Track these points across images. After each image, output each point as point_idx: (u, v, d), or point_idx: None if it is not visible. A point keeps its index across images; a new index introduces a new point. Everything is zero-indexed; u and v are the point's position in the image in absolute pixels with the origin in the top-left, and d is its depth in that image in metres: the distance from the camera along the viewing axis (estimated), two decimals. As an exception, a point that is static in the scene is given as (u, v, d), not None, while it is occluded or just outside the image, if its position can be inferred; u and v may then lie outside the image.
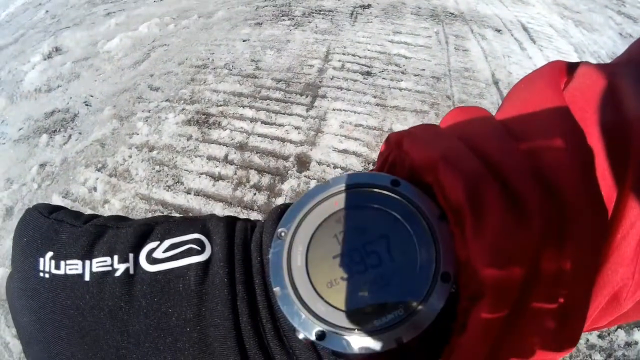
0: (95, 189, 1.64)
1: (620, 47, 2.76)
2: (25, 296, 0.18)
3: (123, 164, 1.74)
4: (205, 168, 1.71)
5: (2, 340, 1.26)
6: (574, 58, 2.58)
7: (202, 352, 0.17)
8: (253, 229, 0.21)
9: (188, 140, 1.84)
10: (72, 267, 0.18)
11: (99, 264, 0.18)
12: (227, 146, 1.80)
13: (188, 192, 1.61)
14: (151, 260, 0.18)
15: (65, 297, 0.18)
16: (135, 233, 0.19)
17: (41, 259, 0.18)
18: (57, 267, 0.18)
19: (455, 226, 0.17)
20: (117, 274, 0.18)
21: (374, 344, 0.16)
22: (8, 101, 2.24)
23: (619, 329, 1.25)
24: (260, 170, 1.69)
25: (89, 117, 2.05)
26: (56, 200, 1.61)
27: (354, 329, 0.17)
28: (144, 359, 0.17)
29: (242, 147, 1.79)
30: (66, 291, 0.18)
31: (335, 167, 1.70)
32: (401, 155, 0.20)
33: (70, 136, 1.94)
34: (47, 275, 0.18)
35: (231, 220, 0.21)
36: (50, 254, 0.18)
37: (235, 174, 1.68)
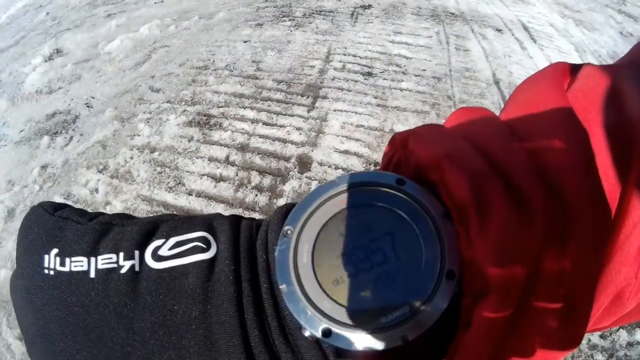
0: (96, 190, 1.64)
1: (621, 46, 2.76)
2: (29, 293, 0.18)
3: (124, 166, 1.74)
4: (207, 169, 1.71)
5: (4, 342, 1.26)
6: (574, 57, 2.58)
7: (208, 350, 0.17)
8: (258, 228, 0.21)
9: (189, 141, 1.84)
10: (78, 264, 0.18)
11: (104, 261, 0.18)
12: (228, 147, 1.80)
13: (189, 194, 1.61)
14: (157, 257, 0.18)
15: (70, 294, 0.18)
16: (140, 231, 0.19)
17: (46, 256, 0.18)
18: (62, 264, 0.18)
19: (460, 225, 0.17)
20: (123, 271, 0.18)
21: (380, 342, 0.16)
22: (9, 103, 2.24)
23: (620, 329, 1.25)
24: (262, 172, 1.69)
25: (90, 118, 2.05)
26: (58, 201, 1.61)
27: (360, 327, 0.17)
28: (148, 356, 0.17)
29: (243, 148, 1.79)
30: (71, 288, 0.18)
31: (336, 167, 1.70)
32: (406, 154, 0.21)
33: (71, 138, 1.94)
34: (51, 272, 0.18)
35: (236, 219, 0.21)
36: (55, 250, 0.18)
37: (237, 175, 1.68)
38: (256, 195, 1.60)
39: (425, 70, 2.32)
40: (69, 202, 1.60)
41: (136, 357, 0.17)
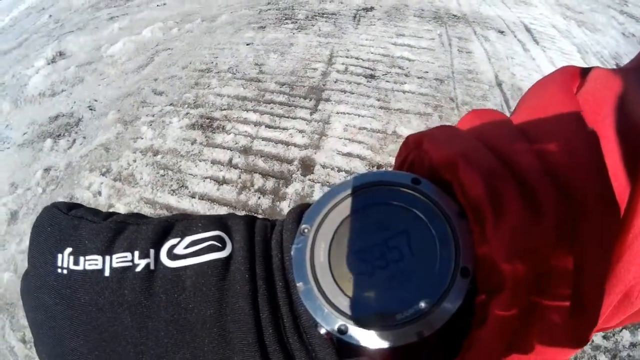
0: (99, 193, 1.65)
1: (623, 47, 2.76)
2: (41, 292, 0.18)
3: (127, 168, 1.75)
4: (210, 172, 1.71)
5: (7, 345, 1.26)
6: (577, 58, 2.57)
7: (222, 348, 0.17)
8: (273, 227, 0.21)
9: (192, 144, 1.84)
10: (92, 262, 0.18)
11: (119, 259, 0.18)
12: (231, 150, 1.80)
13: (192, 196, 1.61)
14: (172, 256, 0.18)
15: (83, 292, 0.17)
16: (155, 229, 0.19)
17: (59, 255, 0.18)
18: (76, 262, 0.18)
19: (474, 223, 0.18)
20: (138, 269, 0.18)
21: (395, 338, 0.17)
22: (12, 105, 2.25)
23: (623, 330, 1.25)
24: (265, 174, 1.69)
25: (93, 121, 2.06)
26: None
27: (376, 323, 0.17)
28: (162, 355, 0.17)
29: (246, 151, 1.79)
30: (85, 287, 0.17)
31: (339, 170, 1.70)
32: (420, 154, 0.21)
33: (74, 140, 1.95)
34: (65, 271, 0.18)
35: (251, 219, 0.21)
36: (69, 249, 0.18)
37: (240, 177, 1.68)
38: (259, 198, 1.60)
39: (427, 72, 2.32)
40: (72, 205, 1.61)
41: (150, 356, 0.17)
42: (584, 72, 0.22)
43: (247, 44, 2.62)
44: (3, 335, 1.28)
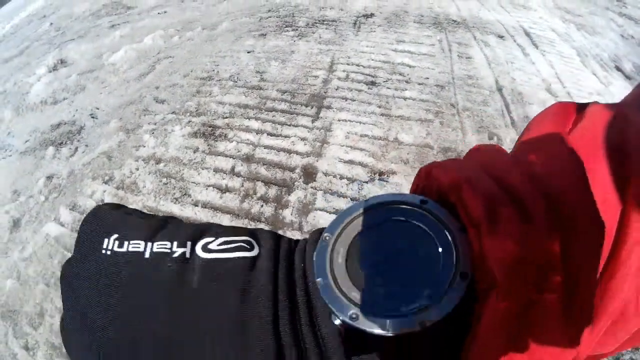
0: (102, 201, 1.65)
1: (622, 49, 2.77)
2: (83, 269, 0.20)
3: (130, 177, 1.75)
4: (212, 180, 1.71)
5: (10, 352, 1.26)
6: (576, 62, 2.58)
7: (240, 334, 0.19)
8: (297, 242, 0.24)
9: (194, 152, 1.84)
10: (135, 245, 0.21)
11: (159, 246, 0.21)
12: (233, 158, 1.80)
13: (195, 205, 1.62)
14: (206, 250, 0.21)
15: (123, 265, 0.20)
16: (194, 228, 0.22)
17: (106, 240, 0.21)
18: (121, 245, 0.21)
19: (474, 237, 0.20)
20: (175, 255, 0.21)
21: (399, 326, 0.19)
22: (14, 113, 2.25)
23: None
24: (267, 182, 1.69)
25: (95, 129, 2.07)
26: (63, 212, 1.61)
27: (383, 313, 0.19)
28: (187, 328, 0.19)
29: (248, 159, 1.80)
30: (126, 264, 0.20)
31: (341, 177, 1.70)
32: (430, 182, 0.24)
33: (76, 148, 1.95)
34: (109, 252, 0.21)
35: (277, 234, 0.24)
36: (115, 235, 0.21)
37: (242, 185, 1.68)
38: (262, 205, 1.60)
39: (428, 78, 2.33)
40: (75, 213, 1.61)
41: (174, 326, 0.19)
42: (581, 107, 0.24)
43: (248, 52, 2.63)
44: (6, 342, 1.28)
